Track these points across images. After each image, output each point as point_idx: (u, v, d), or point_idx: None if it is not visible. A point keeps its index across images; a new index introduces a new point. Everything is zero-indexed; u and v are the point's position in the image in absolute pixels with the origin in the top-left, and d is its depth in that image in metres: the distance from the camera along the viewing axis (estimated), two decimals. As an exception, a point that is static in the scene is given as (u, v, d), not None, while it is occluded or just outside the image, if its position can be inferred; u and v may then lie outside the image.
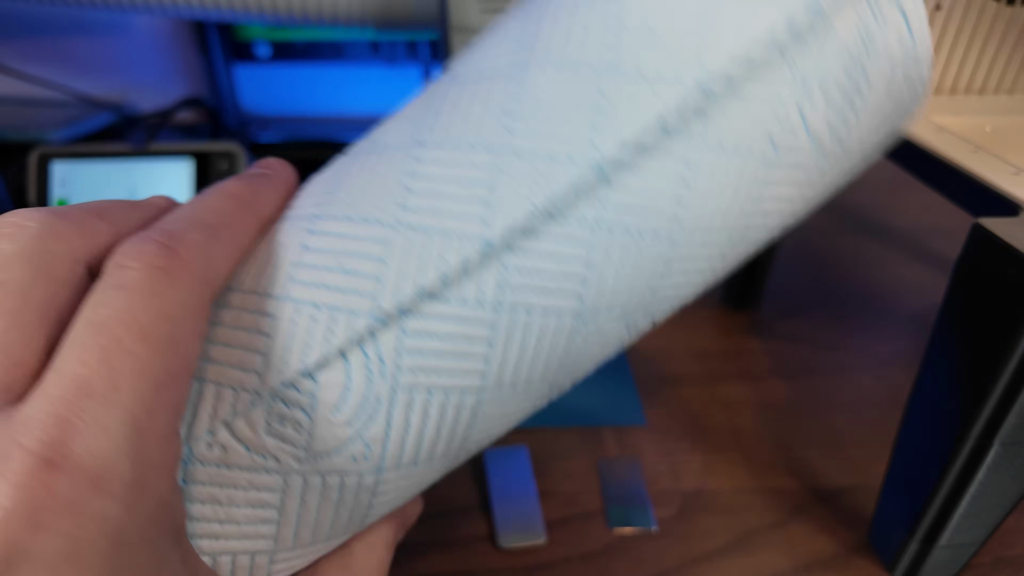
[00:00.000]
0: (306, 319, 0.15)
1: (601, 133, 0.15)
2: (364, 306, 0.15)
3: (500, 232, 0.15)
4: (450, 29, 0.36)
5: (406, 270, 0.15)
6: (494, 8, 0.34)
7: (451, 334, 0.15)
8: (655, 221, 0.16)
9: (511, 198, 0.15)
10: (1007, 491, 0.23)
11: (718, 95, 0.16)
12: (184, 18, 0.64)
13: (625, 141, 0.15)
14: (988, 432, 0.22)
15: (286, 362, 0.15)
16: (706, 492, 0.31)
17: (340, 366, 0.15)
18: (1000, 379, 0.21)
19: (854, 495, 0.31)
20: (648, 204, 0.16)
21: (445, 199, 0.15)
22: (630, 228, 0.16)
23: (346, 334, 0.15)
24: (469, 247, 0.15)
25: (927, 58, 0.17)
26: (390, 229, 0.15)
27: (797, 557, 0.28)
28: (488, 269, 0.15)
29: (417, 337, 0.15)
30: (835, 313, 0.42)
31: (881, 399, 0.36)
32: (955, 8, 0.31)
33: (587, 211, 0.15)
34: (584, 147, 0.15)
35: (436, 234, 0.15)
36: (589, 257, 0.16)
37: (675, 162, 0.16)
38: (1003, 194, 0.23)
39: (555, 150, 0.15)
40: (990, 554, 0.28)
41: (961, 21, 0.32)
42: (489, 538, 0.29)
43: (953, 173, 0.26)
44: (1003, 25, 0.32)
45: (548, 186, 0.15)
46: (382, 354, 0.15)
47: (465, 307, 0.15)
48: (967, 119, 0.30)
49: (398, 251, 0.15)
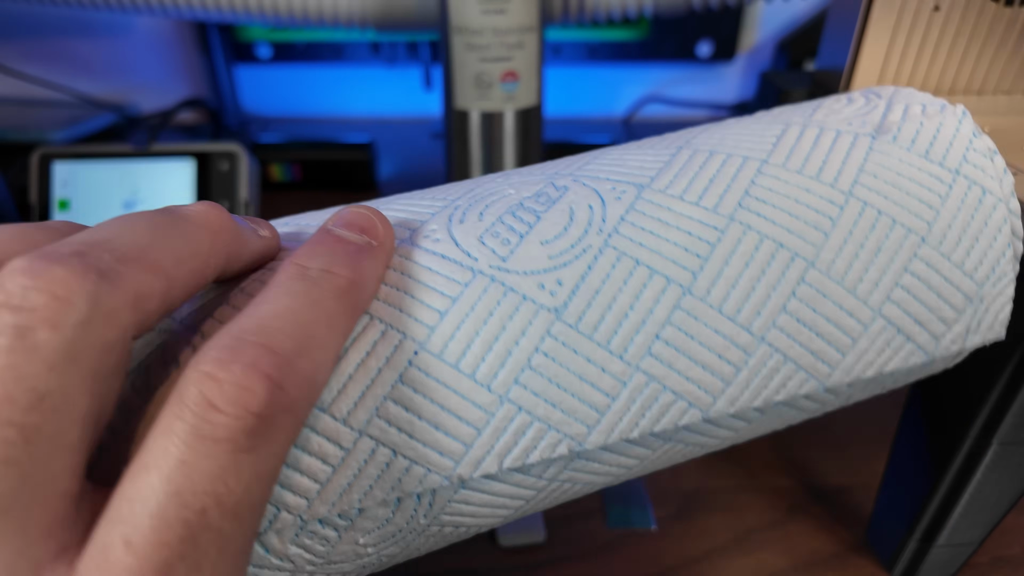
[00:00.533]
0: (379, 460, 0.14)
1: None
2: (434, 460, 0.14)
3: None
4: (450, 30, 0.36)
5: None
6: (494, 9, 0.34)
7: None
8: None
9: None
10: (1005, 490, 0.24)
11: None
12: (185, 19, 0.64)
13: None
14: (986, 431, 0.22)
15: (345, 495, 0.14)
16: (705, 491, 0.31)
17: (391, 505, 0.15)
18: (998, 379, 0.21)
19: (853, 494, 0.31)
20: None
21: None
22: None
23: (409, 485, 0.14)
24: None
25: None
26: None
27: (796, 556, 0.28)
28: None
29: (469, 489, 0.15)
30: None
31: (880, 398, 0.36)
32: (954, 9, 0.32)
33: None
34: None
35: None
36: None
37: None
38: (1001, 194, 0.23)
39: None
40: (988, 553, 0.28)
41: (960, 22, 0.32)
42: (489, 536, 0.29)
43: (951, 173, 0.26)
44: (1002, 26, 0.32)
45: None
46: (432, 503, 0.15)
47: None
48: (965, 120, 0.31)
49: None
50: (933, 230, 0.17)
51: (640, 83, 0.72)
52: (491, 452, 0.14)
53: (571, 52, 0.68)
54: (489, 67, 0.36)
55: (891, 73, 0.33)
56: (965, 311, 0.17)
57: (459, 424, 0.14)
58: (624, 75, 0.71)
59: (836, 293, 0.16)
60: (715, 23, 0.66)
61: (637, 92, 0.72)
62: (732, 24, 0.66)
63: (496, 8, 0.35)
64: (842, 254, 0.16)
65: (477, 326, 0.14)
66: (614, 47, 0.68)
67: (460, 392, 0.14)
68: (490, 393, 0.14)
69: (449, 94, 0.39)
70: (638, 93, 0.72)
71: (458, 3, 0.35)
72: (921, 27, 0.32)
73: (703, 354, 0.15)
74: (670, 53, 0.68)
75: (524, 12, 0.35)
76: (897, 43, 0.32)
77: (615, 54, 0.68)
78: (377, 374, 0.14)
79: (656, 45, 0.68)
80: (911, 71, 0.33)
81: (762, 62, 0.70)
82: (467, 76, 0.37)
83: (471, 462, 0.14)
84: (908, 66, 0.33)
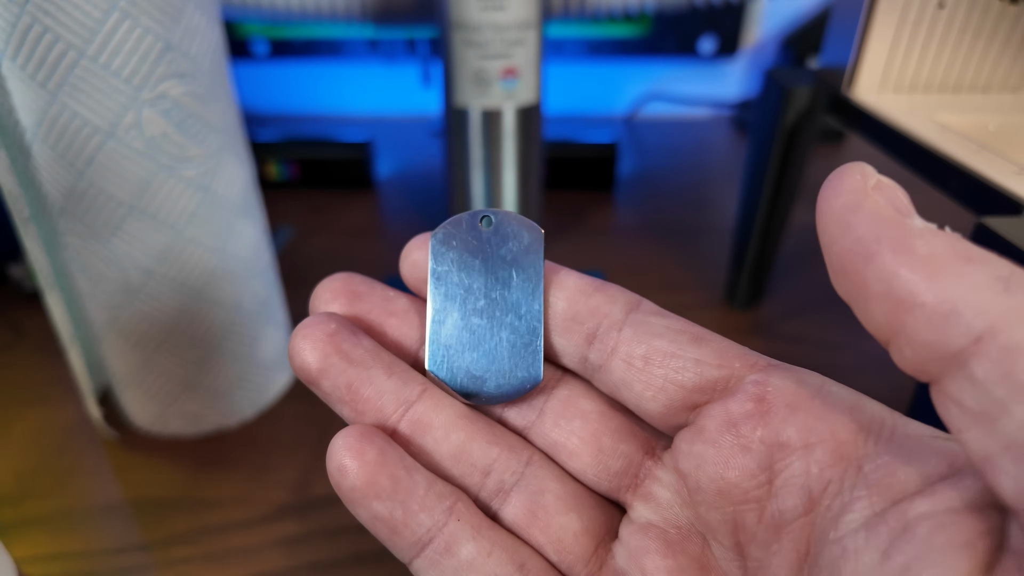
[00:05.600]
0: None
1: None
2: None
3: None
4: (449, 27, 0.36)
5: None
6: (494, 5, 0.34)
7: None
8: None
9: None
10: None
11: None
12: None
13: None
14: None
15: None
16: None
17: None
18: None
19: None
20: None
21: None
22: None
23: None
24: None
25: None
26: None
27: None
28: None
29: None
30: (837, 313, 0.42)
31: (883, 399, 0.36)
32: (958, 6, 0.31)
33: None
34: None
35: None
36: None
37: None
38: (1007, 193, 0.23)
39: None
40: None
41: (965, 19, 0.32)
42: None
43: (956, 172, 0.25)
44: (1007, 23, 0.32)
45: None
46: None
47: None
48: (970, 118, 0.30)
49: None
50: None
51: (642, 80, 0.71)
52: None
53: (572, 49, 0.68)
54: (488, 64, 0.36)
55: (895, 70, 0.33)
56: None
57: None
58: (625, 72, 0.71)
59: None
60: (718, 19, 0.66)
61: (639, 89, 0.72)
62: (735, 20, 0.66)
63: (495, 4, 0.34)
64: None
65: None
66: (615, 43, 0.67)
67: None
68: None
69: (448, 91, 0.38)
70: (640, 90, 0.72)
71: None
72: (925, 24, 0.32)
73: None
74: (672, 49, 0.68)
75: (524, 8, 0.35)
76: (901, 40, 0.32)
77: (616, 51, 0.68)
78: None
79: (658, 41, 0.67)
80: (915, 68, 0.33)
81: (766, 59, 0.69)
82: (466, 73, 0.36)
83: None
84: (912, 63, 0.33)
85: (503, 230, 0.16)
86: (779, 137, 0.34)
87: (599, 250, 0.48)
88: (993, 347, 0.09)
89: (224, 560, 0.27)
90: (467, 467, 0.15)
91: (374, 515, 0.14)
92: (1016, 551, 0.09)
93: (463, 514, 0.14)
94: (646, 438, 0.15)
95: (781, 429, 0.12)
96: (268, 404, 0.34)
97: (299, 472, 0.30)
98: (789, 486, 0.12)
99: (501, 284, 0.15)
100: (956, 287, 0.09)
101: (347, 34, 0.66)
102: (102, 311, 0.29)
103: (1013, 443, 0.09)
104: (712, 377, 0.13)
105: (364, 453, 0.14)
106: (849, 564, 0.11)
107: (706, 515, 0.13)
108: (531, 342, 0.15)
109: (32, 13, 0.22)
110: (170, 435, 0.32)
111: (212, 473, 0.30)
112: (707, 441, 0.13)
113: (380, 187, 0.58)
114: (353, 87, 0.72)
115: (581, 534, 0.14)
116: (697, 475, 0.13)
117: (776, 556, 0.12)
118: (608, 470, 0.15)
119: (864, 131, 0.31)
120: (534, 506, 0.14)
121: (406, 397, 0.15)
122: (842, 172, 0.11)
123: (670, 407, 0.14)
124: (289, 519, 0.28)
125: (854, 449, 0.12)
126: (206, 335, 0.30)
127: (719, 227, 0.50)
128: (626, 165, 0.61)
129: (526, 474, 0.15)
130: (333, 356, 0.14)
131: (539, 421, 0.15)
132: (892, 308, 0.10)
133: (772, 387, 0.13)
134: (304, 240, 0.49)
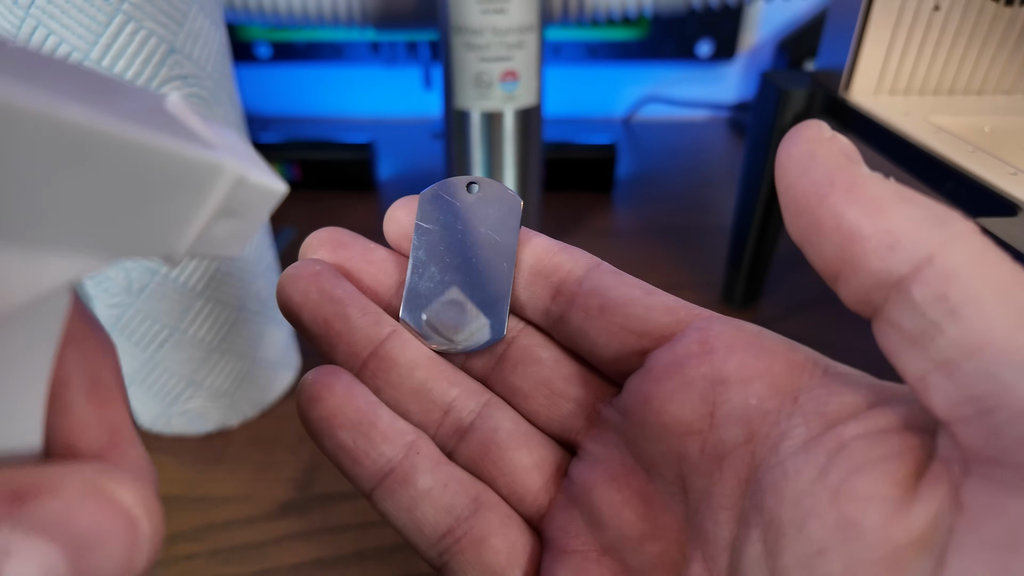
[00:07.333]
0: None
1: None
2: None
3: None
4: (450, 30, 0.36)
5: None
6: (494, 8, 0.34)
7: None
8: None
9: None
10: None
11: None
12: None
13: None
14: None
15: None
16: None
17: None
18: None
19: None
20: None
21: None
22: None
23: None
24: None
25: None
26: None
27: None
28: None
29: None
30: (835, 313, 0.42)
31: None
32: (953, 8, 0.31)
33: None
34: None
35: None
36: None
37: None
38: (1002, 194, 0.23)
39: None
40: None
41: (960, 21, 0.32)
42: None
43: (951, 173, 0.26)
44: (1002, 25, 0.32)
45: None
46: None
47: None
48: (966, 120, 0.31)
49: None
50: None
51: (640, 83, 0.72)
52: None
53: (571, 52, 0.68)
54: (489, 67, 0.36)
55: (891, 73, 0.33)
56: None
57: None
58: (624, 75, 0.71)
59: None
60: (715, 23, 0.66)
61: (637, 92, 0.72)
62: (732, 24, 0.66)
63: (496, 8, 0.34)
64: None
65: None
66: (614, 47, 0.68)
67: None
68: None
69: (449, 94, 0.39)
70: (638, 93, 0.72)
71: (457, 2, 0.35)
72: (921, 27, 0.32)
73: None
74: (670, 53, 0.68)
75: (524, 12, 0.35)
76: (897, 43, 0.32)
77: (615, 54, 0.68)
78: None
79: (656, 45, 0.68)
80: (911, 71, 0.33)
81: (762, 62, 0.70)
82: (467, 76, 0.37)
83: None
84: (908, 66, 0.33)
85: (487, 196, 0.17)
86: (776, 139, 0.35)
87: (598, 250, 0.48)
88: (930, 273, 0.10)
89: (228, 557, 0.27)
90: (428, 403, 0.16)
91: (338, 444, 0.15)
92: (944, 458, 0.10)
93: (423, 448, 0.15)
94: (598, 385, 0.16)
95: (721, 367, 0.13)
96: (271, 403, 0.34)
97: (302, 470, 0.31)
98: (729, 417, 0.13)
99: (479, 245, 0.16)
100: (899, 222, 0.10)
101: (349, 37, 0.67)
102: (105, 310, 0.29)
103: (946, 361, 0.10)
104: (660, 323, 0.15)
105: (332, 387, 0.15)
106: (790, 483, 0.11)
107: (651, 450, 0.14)
108: (499, 300, 0.16)
109: (36, 16, 0.23)
110: (173, 434, 0.32)
111: (216, 471, 0.31)
112: (654, 380, 0.14)
113: (382, 188, 0.58)
114: (355, 89, 0.72)
115: (531, 468, 0.16)
116: (644, 411, 0.14)
117: (717, 485, 0.13)
118: (559, 411, 0.16)
119: (860, 133, 0.31)
120: (487, 441, 0.16)
121: (376, 336, 0.16)
122: (802, 126, 0.12)
123: (622, 352, 0.15)
124: (292, 516, 0.29)
125: (789, 382, 0.13)
126: (209, 335, 0.30)
127: (717, 228, 0.50)
128: (624, 167, 0.61)
129: (482, 414, 0.16)
130: (313, 294, 0.16)
131: (498, 367, 0.17)
132: (842, 242, 0.11)
133: (714, 331, 0.14)
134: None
